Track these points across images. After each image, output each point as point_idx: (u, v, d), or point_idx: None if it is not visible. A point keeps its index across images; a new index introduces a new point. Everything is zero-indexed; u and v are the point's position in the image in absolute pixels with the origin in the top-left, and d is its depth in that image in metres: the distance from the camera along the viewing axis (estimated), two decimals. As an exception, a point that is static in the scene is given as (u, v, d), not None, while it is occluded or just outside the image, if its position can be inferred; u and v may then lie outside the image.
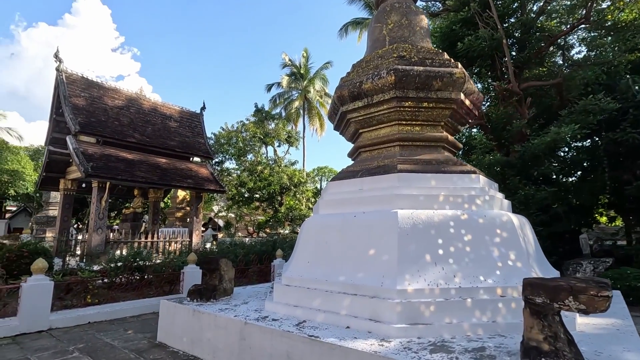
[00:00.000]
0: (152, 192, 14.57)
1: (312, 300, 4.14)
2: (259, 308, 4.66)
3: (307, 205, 25.97)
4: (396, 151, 5.16)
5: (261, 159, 26.57)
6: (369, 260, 4.06)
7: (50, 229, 18.80)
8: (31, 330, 5.58)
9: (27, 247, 8.65)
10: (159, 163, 12.39)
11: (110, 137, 11.33)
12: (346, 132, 6.05)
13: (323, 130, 33.48)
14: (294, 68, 32.54)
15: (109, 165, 10.61)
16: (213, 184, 13.55)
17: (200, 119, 15.27)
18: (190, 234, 12.85)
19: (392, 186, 4.54)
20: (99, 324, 6.17)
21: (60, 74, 11.29)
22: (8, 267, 8.07)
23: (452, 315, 3.50)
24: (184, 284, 7.84)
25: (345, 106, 5.50)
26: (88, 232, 10.60)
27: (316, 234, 4.74)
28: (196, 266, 8.11)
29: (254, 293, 5.86)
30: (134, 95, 13.28)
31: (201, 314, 4.57)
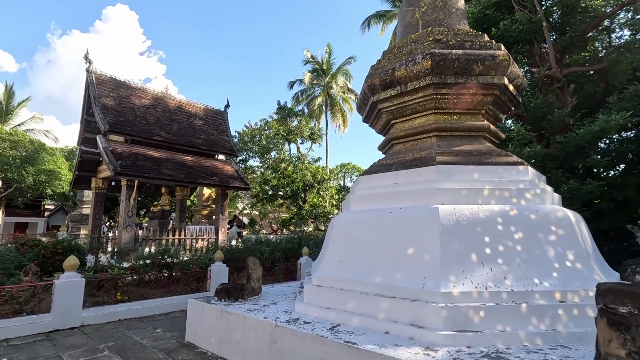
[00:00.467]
0: (179, 190, 14.74)
1: (346, 303, 3.88)
2: (289, 309, 4.44)
3: (331, 202, 25.71)
4: (433, 142, 4.79)
5: (284, 156, 26.52)
6: (408, 260, 3.75)
7: (84, 226, 19.50)
8: (64, 327, 5.63)
9: (62, 244, 8.86)
10: (185, 161, 12.47)
11: (138, 135, 11.48)
12: (377, 123, 5.72)
13: (346, 126, 33.07)
14: (316, 64, 32.27)
15: (137, 163, 10.74)
16: (238, 181, 13.53)
17: (224, 117, 15.29)
18: (216, 231, 12.89)
19: (431, 179, 4.19)
20: (128, 321, 6.17)
21: (90, 75, 11.54)
22: (43, 263, 8.28)
23: (506, 322, 3.13)
24: (211, 282, 7.77)
25: (376, 95, 5.17)
26: (118, 229, 10.79)
27: (348, 231, 4.46)
28: (223, 264, 8.03)
29: (283, 293, 5.66)
30: (159, 94, 13.43)
31: (229, 315, 4.40)
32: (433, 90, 4.63)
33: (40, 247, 8.75)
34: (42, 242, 9.18)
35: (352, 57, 31.95)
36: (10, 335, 5.18)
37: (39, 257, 8.46)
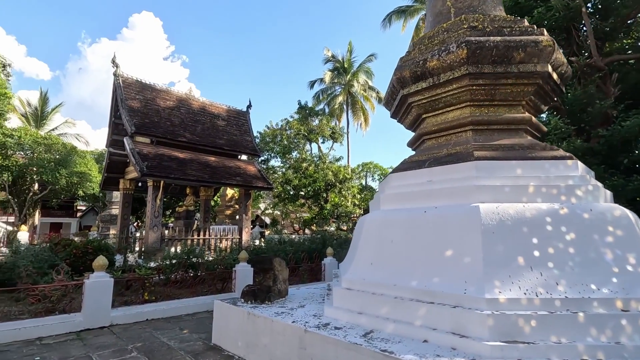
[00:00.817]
0: (203, 190, 14.89)
1: (379, 308, 3.65)
2: (318, 313, 4.26)
3: (353, 202, 25.42)
4: (469, 136, 4.49)
5: (306, 155, 26.45)
6: (446, 262, 3.49)
7: (113, 226, 20.10)
8: (94, 326, 5.68)
9: (92, 243, 9.06)
10: (209, 161, 12.56)
11: (163, 137, 11.64)
12: (406, 118, 5.45)
13: (367, 124, 32.65)
14: (336, 63, 32.03)
15: (163, 164, 10.88)
16: (261, 181, 13.51)
17: (246, 117, 15.33)
18: (240, 231, 12.92)
19: (469, 176, 3.90)
20: (156, 322, 6.17)
21: (117, 78, 11.80)
22: (75, 263, 8.48)
23: (561, 333, 2.82)
24: (236, 283, 7.72)
25: (406, 89, 4.91)
26: (145, 229, 10.98)
27: (378, 232, 4.24)
28: (247, 264, 7.96)
29: (309, 295, 5.49)
30: (183, 95, 13.60)
31: (256, 318, 4.27)
32: (469, 81, 4.33)
33: (72, 247, 8.98)
34: (74, 242, 9.42)
35: (373, 54, 31.55)
36: (43, 334, 5.26)
37: (71, 256, 8.68)
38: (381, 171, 33.90)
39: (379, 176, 34.73)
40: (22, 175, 24.00)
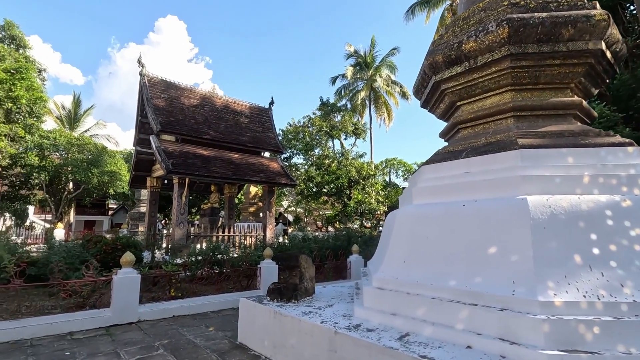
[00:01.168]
0: (227, 187, 14.97)
1: (415, 309, 3.39)
2: (348, 313, 4.04)
3: (377, 198, 24.98)
4: (510, 124, 4.12)
5: (328, 152, 26.22)
6: (489, 261, 3.17)
7: (141, 223, 20.66)
8: (122, 322, 5.71)
9: (120, 240, 9.23)
10: (232, 158, 12.58)
11: (188, 134, 11.74)
12: (438, 107, 5.12)
13: (391, 120, 32.01)
14: (358, 58, 31.56)
15: (187, 162, 10.96)
16: (284, 177, 13.42)
17: (269, 114, 15.27)
18: (264, 228, 12.88)
19: (513, 166, 3.55)
20: (182, 318, 6.15)
21: (143, 77, 11.99)
22: (104, 259, 8.66)
23: (630, 342, 2.47)
24: (261, 280, 7.62)
25: (438, 75, 4.58)
26: (171, 226, 11.11)
27: (412, 228, 3.96)
28: (272, 261, 7.84)
29: (336, 293, 5.28)
30: (207, 93, 13.69)
31: (283, 317, 4.10)
32: (510, 62, 3.96)
33: (102, 244, 9.18)
34: (104, 239, 9.64)
35: (395, 48, 30.80)
36: (74, 329, 5.32)
37: (101, 252, 8.87)
38: (405, 167, 33.20)
39: (403, 172, 34.05)
40: (57, 175, 25.11)
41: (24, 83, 21.15)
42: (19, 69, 21.08)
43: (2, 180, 24.85)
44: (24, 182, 24.67)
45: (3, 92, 20.22)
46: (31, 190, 25.65)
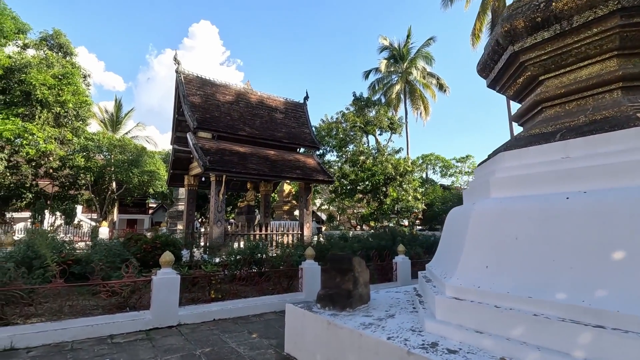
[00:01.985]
0: (263, 185, 14.72)
1: (509, 327, 2.72)
2: (416, 327, 3.42)
3: (415, 196, 23.93)
4: (617, 97, 3.33)
5: (363, 148, 25.47)
6: (613, 269, 2.45)
7: (179, 222, 21.01)
8: (162, 325, 5.43)
9: (160, 238, 9.13)
10: (268, 155, 12.26)
11: (224, 131, 11.54)
12: (513, 85, 4.35)
13: (428, 114, 30.63)
14: (393, 50, 30.46)
15: (224, 159, 10.74)
16: (321, 174, 12.93)
17: (304, 109, 14.84)
18: (301, 227, 12.47)
19: (632, 148, 2.78)
20: (223, 322, 5.79)
21: (179, 75, 11.92)
22: (144, 257, 8.55)
23: None
24: (303, 282, 7.15)
25: (518, 44, 3.84)
26: (209, 224, 10.95)
27: (495, 226, 3.27)
28: (314, 262, 7.36)
29: (393, 301, 4.67)
30: (242, 90, 13.48)
31: (339, 329, 3.56)
32: (620, 20, 3.17)
33: (142, 242, 9.11)
34: (144, 237, 9.59)
35: (431, 38, 29.34)
36: (115, 331, 5.09)
37: (141, 251, 8.78)
38: (443, 163, 31.73)
39: (441, 168, 32.56)
40: (101, 175, 26.22)
41: (70, 88, 22.19)
42: (65, 74, 22.13)
43: (53, 181, 26.35)
44: (72, 183, 25.99)
45: (52, 97, 21.30)
46: (79, 190, 27.00)
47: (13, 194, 24.20)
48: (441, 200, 27.12)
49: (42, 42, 24.55)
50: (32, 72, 20.82)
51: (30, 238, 6.37)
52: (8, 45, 23.50)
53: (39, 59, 22.57)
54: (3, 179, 22.54)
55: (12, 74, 21.54)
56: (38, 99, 20.80)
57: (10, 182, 23.34)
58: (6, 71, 21.15)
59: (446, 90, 30.16)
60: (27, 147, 20.40)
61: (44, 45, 24.48)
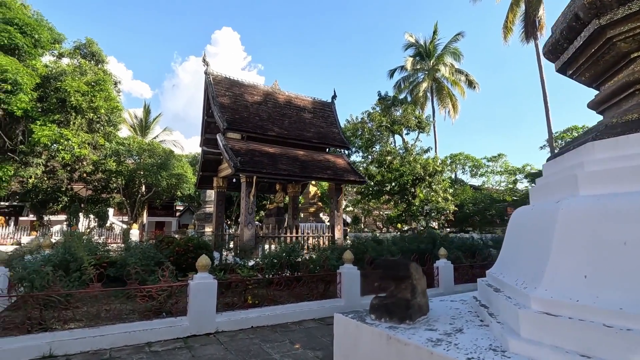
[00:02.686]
0: (291, 186, 14.46)
1: (628, 351, 2.22)
2: (495, 345, 2.95)
3: (445, 196, 23.03)
4: None
5: (390, 148, 24.83)
6: None
7: (207, 224, 21.10)
8: (200, 332, 5.17)
9: (192, 241, 8.98)
10: (298, 155, 11.98)
11: (253, 132, 11.35)
12: (592, 66, 3.80)
13: (456, 112, 29.59)
14: (419, 47, 29.66)
15: (254, 159, 10.54)
16: (352, 174, 12.52)
17: (332, 108, 14.50)
18: (331, 229, 12.09)
19: None
20: (262, 330, 5.48)
21: (208, 76, 11.86)
22: (177, 260, 8.41)
23: None
24: (342, 287, 6.75)
25: (605, 16, 3.30)
26: (239, 227, 10.76)
27: (591, 229, 2.77)
28: (353, 266, 6.95)
29: (453, 311, 4.19)
30: (269, 90, 13.29)
31: (403, 345, 3.14)
32: None
33: (174, 245, 9.00)
34: (176, 240, 9.48)
35: (460, 33, 28.33)
36: (152, 339, 4.87)
37: (174, 254, 8.66)
38: (473, 162, 30.53)
39: (471, 168, 31.36)
40: (132, 178, 26.85)
41: (102, 94, 22.83)
42: (98, 81, 22.80)
43: (86, 185, 27.26)
44: (104, 186, 26.78)
45: (86, 104, 21.97)
46: (110, 194, 27.80)
47: (50, 197, 25.16)
48: (472, 201, 26.05)
49: (75, 50, 25.48)
50: (67, 79, 21.57)
51: (67, 240, 6.31)
52: (45, 55, 24.54)
53: (73, 67, 23.41)
54: (41, 183, 23.45)
55: (48, 82, 22.42)
56: (72, 106, 21.49)
57: (48, 186, 24.28)
58: (43, 80, 22.03)
59: (475, 87, 29.05)
60: (62, 152, 21.11)
61: (77, 53, 25.39)
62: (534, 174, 26.96)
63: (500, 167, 30.46)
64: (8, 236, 21.93)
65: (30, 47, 22.58)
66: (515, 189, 28.59)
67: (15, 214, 29.62)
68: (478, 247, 10.98)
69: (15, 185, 23.64)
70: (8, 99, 19.16)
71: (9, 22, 21.69)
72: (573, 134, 26.03)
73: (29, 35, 22.52)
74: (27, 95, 20.07)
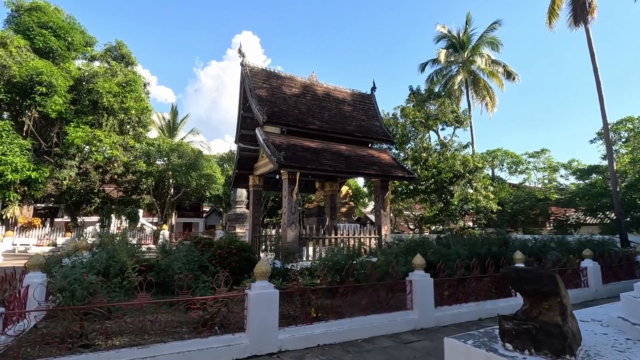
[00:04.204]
0: (329, 185, 13.62)
1: None
2: None
3: (487, 194, 21.55)
4: None
5: (426, 144, 23.58)
6: None
7: (238, 225, 20.58)
8: (262, 353, 4.39)
9: (235, 243, 8.29)
10: (341, 150, 11.12)
11: (294, 125, 10.59)
12: None
13: (494, 105, 27.90)
14: (452, 39, 28.19)
15: (297, 154, 9.76)
16: (400, 170, 11.53)
17: (372, 101, 13.55)
18: (378, 229, 11.13)
19: None
20: (331, 350, 4.64)
21: (245, 68, 11.19)
22: (220, 264, 7.72)
23: None
24: (413, 297, 5.82)
25: None
26: (281, 227, 9.99)
27: None
28: (425, 273, 6.01)
29: (602, 338, 3.18)
30: (307, 81, 12.50)
31: (587, 397, 2.19)
32: None
33: (215, 247, 8.33)
34: (218, 242, 8.81)
35: (497, 21, 26.58)
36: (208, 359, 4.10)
37: (215, 257, 7.98)
38: (512, 158, 28.74)
39: (509, 165, 29.54)
40: (161, 179, 26.82)
41: (133, 95, 22.80)
42: (128, 82, 22.78)
43: (118, 186, 27.48)
44: (134, 188, 26.88)
45: (117, 104, 21.98)
46: (140, 195, 27.90)
47: (83, 199, 25.43)
48: (514, 199, 24.38)
49: (106, 53, 25.66)
50: (99, 81, 21.65)
51: (109, 242, 5.68)
52: (78, 58, 24.86)
53: (104, 69, 23.54)
54: (75, 184, 23.66)
55: (81, 84, 22.61)
56: (104, 107, 21.53)
57: (81, 187, 24.52)
58: (76, 82, 22.23)
59: (515, 78, 27.26)
60: (95, 153, 21.17)
61: (108, 56, 25.56)
62: (582, 170, 24.99)
63: (543, 163, 28.51)
64: (44, 237, 22.19)
65: (64, 50, 22.86)
66: (563, 186, 26.60)
67: (51, 215, 30.26)
68: (543, 250, 9.75)
69: (50, 187, 23.96)
70: (43, 101, 19.36)
71: (43, 26, 22.02)
72: (627, 125, 23.88)
73: (63, 39, 22.80)
74: (62, 98, 20.24)
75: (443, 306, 6.17)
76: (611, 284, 8.88)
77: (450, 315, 6.13)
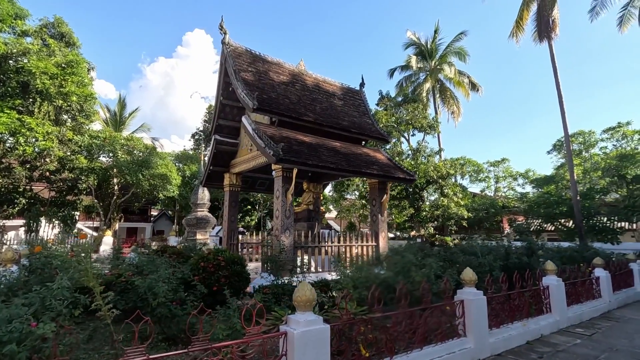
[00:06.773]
0: (312, 186, 12.31)
1: None
2: None
3: (457, 201, 21.60)
4: None
5: (400, 150, 23.22)
6: None
7: (199, 230, 18.37)
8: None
9: (223, 254, 6.61)
10: (336, 147, 9.90)
11: (287, 115, 9.15)
12: None
13: (459, 114, 28.55)
14: (420, 47, 28.45)
15: (293, 149, 8.34)
16: (399, 171, 10.57)
17: (362, 97, 12.55)
18: (375, 236, 10.02)
19: None
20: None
21: (227, 46, 9.56)
22: (206, 280, 6.06)
23: None
24: (465, 322, 4.73)
25: None
26: (273, 234, 8.45)
27: None
28: (478, 291, 4.96)
29: None
30: (296, 70, 11.14)
31: None
32: None
33: (197, 259, 6.61)
34: (199, 252, 7.08)
35: (463, 32, 27.26)
36: None
37: (199, 272, 6.29)
38: (473, 167, 29.57)
39: (470, 173, 30.38)
40: (105, 178, 23.49)
41: (75, 78, 19.57)
42: (70, 62, 19.56)
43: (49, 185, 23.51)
44: (71, 187, 23.20)
45: (54, 88, 18.66)
46: (78, 196, 24.17)
47: (4, 199, 21.29)
48: (477, 207, 24.95)
49: (41, 29, 21.91)
50: (32, 59, 18.24)
51: (74, 259, 3.83)
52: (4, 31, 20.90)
53: (38, 46, 19.98)
54: (-7, 181, 19.70)
55: (6, 62, 18.94)
56: (38, 90, 18.16)
57: (2, 185, 20.51)
58: (0, 59, 18.58)
59: (479, 90, 28.16)
60: (23, 144, 17.68)
61: (44, 32, 21.84)
62: (538, 180, 26.29)
63: (502, 172, 29.71)
64: (-51, 245, 18.03)
65: (-16, 18, 19.01)
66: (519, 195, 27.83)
67: (-41, 219, 25.17)
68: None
69: (-40, 184, 19.73)
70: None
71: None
72: (579, 138, 25.62)
73: (-17, 5, 18.96)
74: (-21, 74, 16.65)
75: (492, 329, 5.16)
76: (616, 293, 8.64)
77: (502, 340, 5.14)
